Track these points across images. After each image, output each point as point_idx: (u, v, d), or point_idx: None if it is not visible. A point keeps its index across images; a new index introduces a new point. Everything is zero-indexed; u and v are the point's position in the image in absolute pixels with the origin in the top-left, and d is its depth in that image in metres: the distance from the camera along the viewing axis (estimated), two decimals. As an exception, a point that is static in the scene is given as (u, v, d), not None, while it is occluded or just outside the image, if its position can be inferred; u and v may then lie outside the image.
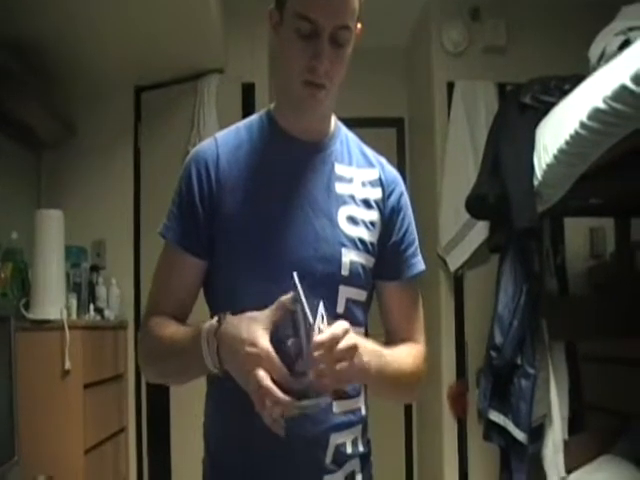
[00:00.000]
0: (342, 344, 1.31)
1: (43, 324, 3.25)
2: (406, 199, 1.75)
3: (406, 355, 1.64)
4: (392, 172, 1.76)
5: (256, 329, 1.35)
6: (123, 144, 4.37)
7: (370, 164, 1.73)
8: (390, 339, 1.73)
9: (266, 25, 1.61)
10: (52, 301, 3.32)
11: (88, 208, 4.23)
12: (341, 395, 1.52)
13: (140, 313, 4.21)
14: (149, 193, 4.31)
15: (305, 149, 1.66)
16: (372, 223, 1.65)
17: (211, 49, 4.07)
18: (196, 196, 1.59)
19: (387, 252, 1.68)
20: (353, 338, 1.35)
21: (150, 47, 3.88)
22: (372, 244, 1.64)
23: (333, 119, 1.73)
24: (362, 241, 1.62)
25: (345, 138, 1.73)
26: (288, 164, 1.63)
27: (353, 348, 1.34)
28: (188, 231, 1.60)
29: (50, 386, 3.21)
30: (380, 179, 1.70)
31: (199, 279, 1.64)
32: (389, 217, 1.69)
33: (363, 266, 1.62)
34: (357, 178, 1.68)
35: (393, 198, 1.70)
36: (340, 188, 1.64)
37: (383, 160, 1.77)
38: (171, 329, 1.55)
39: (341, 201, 1.63)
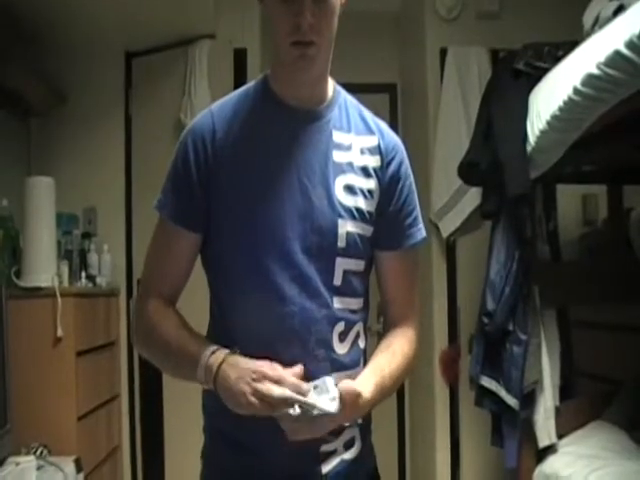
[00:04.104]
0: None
1: (35, 292, 3.25)
2: (407, 167, 1.72)
3: (401, 359, 1.65)
4: (392, 139, 1.73)
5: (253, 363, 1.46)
6: (114, 110, 4.33)
7: (370, 131, 1.70)
8: (384, 310, 1.74)
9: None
10: (43, 268, 3.32)
11: (79, 175, 4.20)
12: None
13: (132, 280, 4.21)
14: (140, 159, 4.29)
15: (302, 118, 1.64)
16: (370, 192, 1.64)
17: (202, 14, 4.01)
18: (192, 171, 1.58)
19: (385, 221, 1.67)
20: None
21: (141, 11, 3.82)
22: (370, 213, 1.63)
23: (331, 85, 1.71)
24: (359, 210, 1.61)
25: (344, 103, 1.71)
26: (285, 134, 1.62)
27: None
28: (183, 206, 1.59)
29: (42, 354, 3.22)
30: (379, 146, 1.68)
31: (194, 253, 1.64)
32: (387, 186, 1.67)
33: (360, 236, 1.61)
34: (356, 145, 1.66)
35: (392, 166, 1.68)
36: (338, 156, 1.62)
37: (383, 126, 1.74)
38: (171, 332, 1.57)
39: (339, 170, 1.61)
